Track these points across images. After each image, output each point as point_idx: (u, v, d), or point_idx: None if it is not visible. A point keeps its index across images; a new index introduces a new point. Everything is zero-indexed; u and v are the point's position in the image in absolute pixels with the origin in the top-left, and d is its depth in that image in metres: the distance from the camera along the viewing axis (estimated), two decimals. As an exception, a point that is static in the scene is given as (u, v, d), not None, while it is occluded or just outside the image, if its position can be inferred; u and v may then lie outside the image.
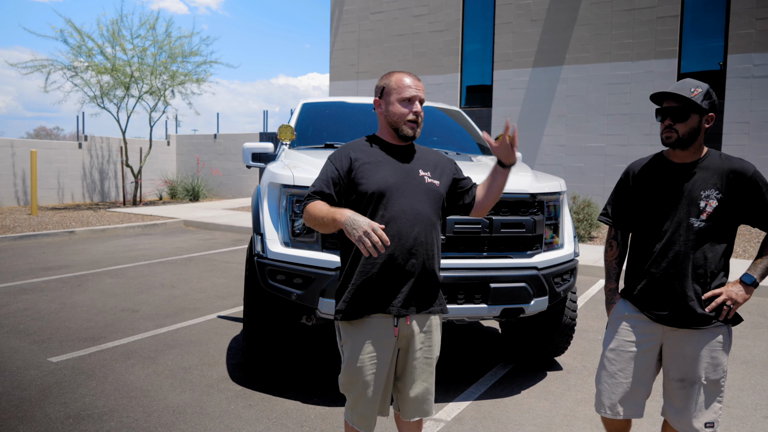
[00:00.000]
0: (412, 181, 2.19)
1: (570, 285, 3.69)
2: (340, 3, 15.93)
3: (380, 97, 2.26)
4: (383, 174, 2.16)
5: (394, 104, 2.21)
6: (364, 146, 2.25)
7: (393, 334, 2.15)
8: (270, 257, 3.36)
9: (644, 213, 2.32)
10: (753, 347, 4.70)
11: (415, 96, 2.20)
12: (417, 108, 2.20)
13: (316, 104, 5.17)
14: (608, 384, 2.33)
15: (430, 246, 2.17)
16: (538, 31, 13.19)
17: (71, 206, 14.83)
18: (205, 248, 9.21)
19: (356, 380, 2.17)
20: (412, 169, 2.22)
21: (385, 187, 2.14)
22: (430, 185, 2.21)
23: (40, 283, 6.51)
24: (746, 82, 11.20)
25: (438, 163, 2.30)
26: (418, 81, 2.24)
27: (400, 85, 2.21)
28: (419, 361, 2.22)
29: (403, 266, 2.12)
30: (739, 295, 2.18)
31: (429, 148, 2.38)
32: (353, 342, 2.17)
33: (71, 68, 14.17)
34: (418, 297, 2.17)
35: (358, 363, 2.15)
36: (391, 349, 2.18)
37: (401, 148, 2.27)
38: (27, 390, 3.55)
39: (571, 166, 12.83)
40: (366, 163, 2.18)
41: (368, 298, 2.14)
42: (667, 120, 2.20)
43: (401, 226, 2.11)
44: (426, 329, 2.22)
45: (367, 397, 2.18)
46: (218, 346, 4.46)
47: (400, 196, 2.14)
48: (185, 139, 19.22)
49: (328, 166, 2.22)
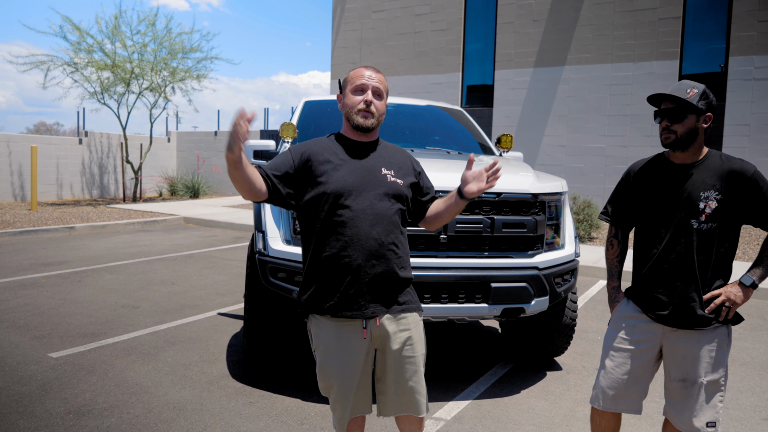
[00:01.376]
0: (373, 179, 2.12)
1: (570, 285, 3.70)
2: (342, 1, 15.92)
3: (341, 92, 2.23)
4: (342, 173, 2.10)
5: (348, 95, 2.16)
6: (327, 143, 2.19)
7: (362, 336, 2.10)
8: (271, 255, 3.36)
9: (645, 214, 2.33)
10: (752, 349, 4.71)
11: (367, 84, 2.13)
12: (368, 97, 2.12)
13: (317, 102, 5.17)
14: (605, 379, 2.35)
15: (392, 245, 2.11)
16: (540, 32, 13.19)
17: (71, 202, 14.82)
18: (205, 245, 9.21)
19: (330, 385, 2.14)
20: (374, 167, 2.15)
21: (343, 186, 2.08)
22: (392, 184, 2.15)
23: (40, 278, 6.51)
24: (747, 84, 11.20)
25: (402, 164, 2.24)
26: (378, 74, 2.18)
27: (355, 76, 2.17)
28: (399, 361, 2.15)
29: (363, 267, 2.06)
30: (738, 296, 2.19)
31: (396, 146, 2.32)
32: (324, 346, 2.13)
33: (71, 64, 14.15)
34: (383, 297, 2.11)
35: (329, 368, 2.12)
36: (363, 351, 2.12)
37: (364, 145, 2.20)
38: (27, 385, 3.55)
39: (572, 166, 12.84)
40: (325, 161, 2.12)
41: (331, 299, 2.08)
42: (665, 121, 2.21)
43: (361, 226, 2.06)
44: (402, 328, 2.14)
45: (342, 401, 2.15)
46: (218, 343, 4.47)
47: (359, 195, 2.08)
48: (185, 136, 19.21)
49: (286, 155, 2.15)
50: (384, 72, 15.09)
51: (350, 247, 2.06)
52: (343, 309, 2.08)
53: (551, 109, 13.12)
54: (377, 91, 2.16)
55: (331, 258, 2.07)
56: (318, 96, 5.35)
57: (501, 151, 4.97)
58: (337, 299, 2.08)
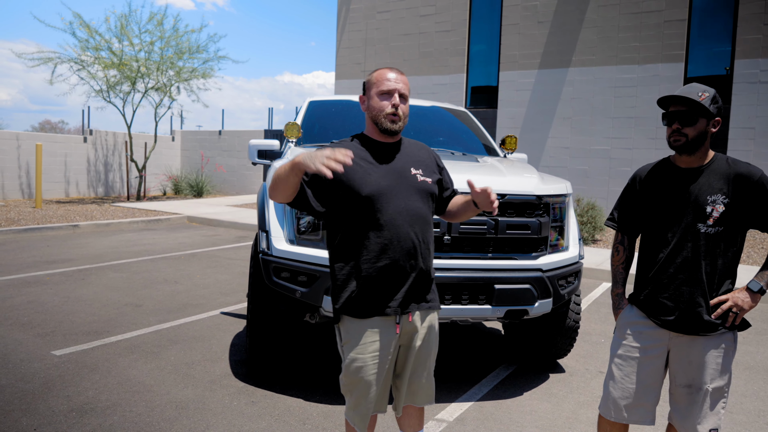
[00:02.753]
0: (404, 181, 2.17)
1: (574, 287, 3.69)
2: (347, 1, 15.93)
3: (364, 93, 2.25)
4: (375, 177, 2.13)
5: (374, 98, 2.17)
6: (354, 147, 2.19)
7: (395, 332, 2.16)
8: (275, 254, 3.36)
9: (651, 218, 2.31)
10: (756, 353, 4.69)
11: (394, 89, 2.15)
12: (396, 101, 2.15)
13: (322, 102, 5.17)
14: (616, 389, 2.32)
15: (426, 244, 2.19)
16: (545, 33, 13.17)
17: (75, 200, 14.86)
18: (208, 244, 9.22)
19: (359, 380, 2.16)
20: (404, 168, 2.20)
21: (377, 190, 2.11)
22: (422, 183, 2.21)
23: (43, 276, 6.52)
24: (753, 87, 11.16)
25: (428, 161, 2.29)
26: (401, 75, 2.20)
27: (380, 78, 2.17)
28: (421, 356, 2.25)
29: (403, 267, 2.13)
30: (745, 302, 2.17)
31: (416, 142, 2.35)
32: (354, 342, 2.16)
33: (78, 61, 14.20)
34: (418, 295, 2.20)
35: (360, 362, 2.15)
36: (392, 347, 2.19)
37: (390, 146, 2.23)
38: (30, 383, 3.56)
39: (576, 168, 12.81)
40: (356, 165, 2.11)
41: (369, 300, 2.13)
42: (675, 124, 2.18)
43: (399, 227, 2.11)
44: (426, 324, 2.25)
45: (368, 397, 2.18)
46: (221, 342, 4.47)
47: (394, 197, 2.12)
48: (190, 135, 19.25)
49: None
50: (388, 72, 15.11)
51: (390, 249, 2.11)
52: (383, 307, 2.14)
53: (556, 110, 13.10)
54: (403, 94, 2.19)
55: (371, 260, 2.11)
56: (322, 96, 5.35)
57: (505, 153, 4.96)
58: (379, 298, 2.13)
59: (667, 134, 2.22)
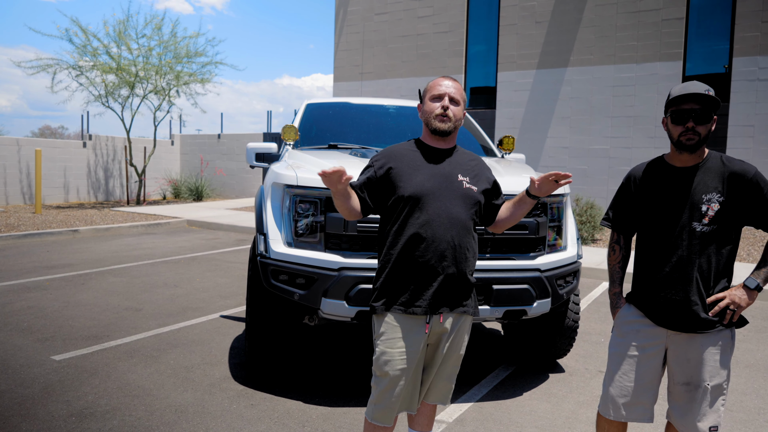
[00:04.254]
0: (450, 185, 2.26)
1: (573, 287, 3.68)
2: (345, 4, 15.95)
3: (420, 101, 2.38)
4: (420, 178, 2.24)
5: (427, 102, 2.33)
6: (406, 150, 2.34)
7: (424, 331, 2.23)
8: (273, 257, 3.36)
9: (647, 218, 2.31)
10: (756, 351, 4.68)
11: (444, 93, 2.28)
12: (445, 103, 2.27)
13: (320, 105, 5.17)
14: (614, 387, 2.32)
15: (463, 249, 2.25)
16: (543, 33, 13.18)
17: (75, 205, 14.88)
18: (208, 248, 9.23)
19: (385, 374, 2.24)
20: (451, 173, 2.29)
21: (420, 191, 2.22)
22: (467, 191, 2.28)
23: (43, 281, 6.53)
24: (751, 85, 11.16)
25: (478, 171, 2.37)
26: (455, 82, 2.33)
27: (434, 84, 2.33)
28: (446, 358, 2.32)
29: (435, 268, 2.20)
30: (743, 299, 2.17)
31: (472, 154, 2.45)
32: (385, 336, 2.25)
33: (76, 67, 14.22)
34: (450, 297, 2.25)
35: (388, 356, 2.24)
36: (421, 345, 2.25)
37: (441, 152, 2.34)
38: (30, 388, 3.56)
39: (575, 168, 12.81)
40: (405, 167, 2.27)
41: (400, 296, 2.22)
42: (690, 122, 2.13)
43: (436, 229, 2.20)
44: (457, 328, 2.31)
45: (392, 391, 2.25)
46: (220, 345, 4.47)
47: (436, 200, 2.22)
48: (189, 139, 19.27)
49: (369, 166, 2.34)
50: (386, 74, 15.14)
51: (425, 249, 2.19)
52: (413, 305, 2.21)
53: (554, 110, 13.10)
54: (454, 98, 2.31)
55: (406, 258, 2.21)
56: (320, 98, 5.36)
57: (503, 153, 4.96)
58: (409, 296, 2.22)
59: (677, 133, 2.17)
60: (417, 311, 2.21)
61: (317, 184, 3.29)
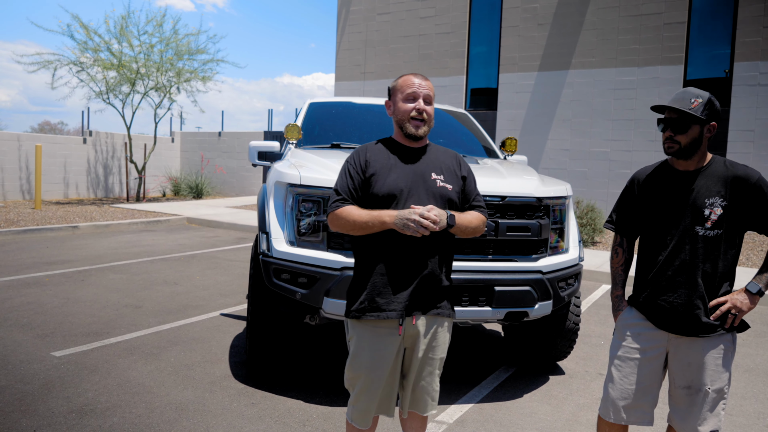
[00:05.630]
0: (423, 184, 2.20)
1: (574, 289, 3.69)
2: (347, 3, 15.95)
3: (389, 98, 2.32)
4: (394, 178, 2.19)
5: (399, 103, 2.24)
6: (379, 149, 2.28)
7: (398, 333, 2.19)
8: (275, 256, 3.36)
9: (650, 221, 2.32)
10: (756, 356, 4.69)
11: (419, 93, 2.21)
12: (420, 105, 2.20)
13: (322, 104, 5.17)
14: (615, 390, 2.32)
15: (438, 250, 2.20)
16: (545, 35, 13.19)
17: (75, 201, 14.86)
18: (208, 246, 9.22)
19: (359, 376, 2.22)
20: (424, 172, 2.23)
21: (395, 190, 2.17)
22: (441, 189, 2.22)
23: (43, 277, 6.52)
24: (752, 89, 11.18)
25: (451, 167, 2.31)
26: (426, 81, 2.25)
27: (406, 83, 2.24)
28: (422, 361, 2.26)
29: (408, 269, 2.16)
30: (744, 303, 2.18)
31: (445, 149, 2.39)
32: (358, 338, 2.22)
33: (77, 63, 14.21)
34: (423, 299, 2.20)
35: (361, 359, 2.21)
36: (395, 348, 2.20)
37: (414, 150, 2.28)
38: (30, 384, 3.56)
39: (575, 170, 12.82)
40: (380, 166, 2.21)
41: (373, 299, 2.17)
42: (668, 131, 2.20)
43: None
44: (432, 330, 2.25)
45: (367, 394, 2.22)
46: (221, 343, 4.47)
47: (409, 200, 2.17)
48: (189, 137, 19.25)
49: (349, 169, 2.24)
50: (388, 75, 15.14)
51: (400, 250, 2.15)
52: (388, 308, 2.16)
53: (555, 113, 13.11)
54: (427, 98, 2.24)
55: (379, 260, 2.17)
56: (323, 98, 5.36)
57: (505, 155, 4.97)
58: (384, 298, 2.17)
59: (662, 140, 2.24)
60: (392, 315, 2.15)
61: (320, 183, 3.29)
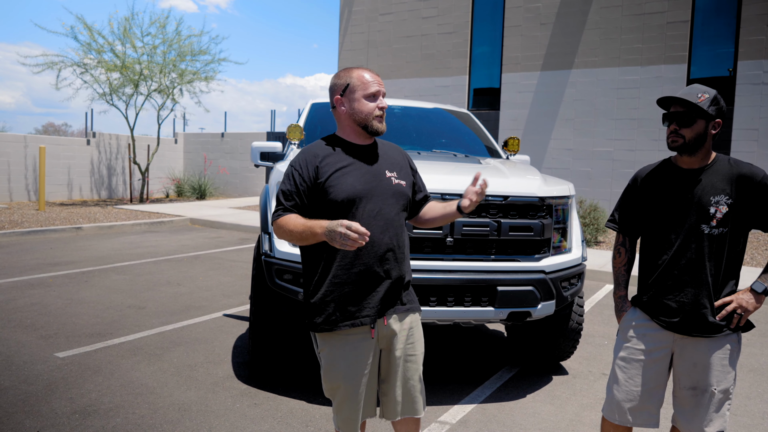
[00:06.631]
0: (380, 184, 2.13)
1: (577, 289, 3.68)
2: (350, 4, 15.95)
3: (342, 95, 2.16)
4: (351, 181, 2.09)
5: (360, 101, 2.13)
6: (328, 149, 2.15)
7: (370, 336, 2.12)
8: (277, 256, 3.36)
9: (653, 220, 2.30)
10: (761, 355, 4.67)
11: (379, 91, 2.15)
12: (383, 103, 2.15)
13: (325, 104, 5.17)
14: (620, 392, 2.30)
15: (400, 249, 2.15)
16: (547, 35, 13.17)
17: (79, 202, 14.90)
18: (211, 246, 9.23)
19: (338, 386, 2.15)
20: (379, 170, 2.16)
21: (354, 194, 2.07)
22: (397, 187, 2.17)
23: (47, 278, 6.54)
24: (756, 88, 11.14)
25: (402, 163, 2.27)
26: (378, 76, 2.19)
27: (364, 81, 2.14)
28: (402, 360, 2.19)
29: (377, 273, 2.09)
30: (750, 303, 2.17)
31: (389, 143, 2.32)
32: (330, 349, 2.14)
33: (81, 65, 14.25)
34: (392, 299, 2.15)
35: (337, 370, 2.13)
36: (371, 352, 2.14)
37: (366, 148, 2.19)
38: (33, 385, 3.57)
39: (578, 170, 12.79)
40: (334, 169, 2.09)
41: (344, 308, 2.09)
42: (673, 125, 2.18)
43: (373, 233, 2.05)
44: (405, 327, 2.19)
45: (349, 402, 2.15)
46: (224, 344, 4.47)
47: (369, 201, 2.09)
48: (192, 138, 19.28)
49: (294, 175, 2.12)
50: (391, 75, 15.14)
51: (366, 255, 2.07)
52: (361, 315, 2.09)
53: (558, 112, 13.09)
54: (384, 94, 2.19)
55: (346, 266, 2.07)
56: (325, 98, 5.35)
57: (508, 155, 4.96)
58: (355, 307, 2.09)
59: (667, 134, 2.22)
60: (366, 321, 2.08)
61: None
